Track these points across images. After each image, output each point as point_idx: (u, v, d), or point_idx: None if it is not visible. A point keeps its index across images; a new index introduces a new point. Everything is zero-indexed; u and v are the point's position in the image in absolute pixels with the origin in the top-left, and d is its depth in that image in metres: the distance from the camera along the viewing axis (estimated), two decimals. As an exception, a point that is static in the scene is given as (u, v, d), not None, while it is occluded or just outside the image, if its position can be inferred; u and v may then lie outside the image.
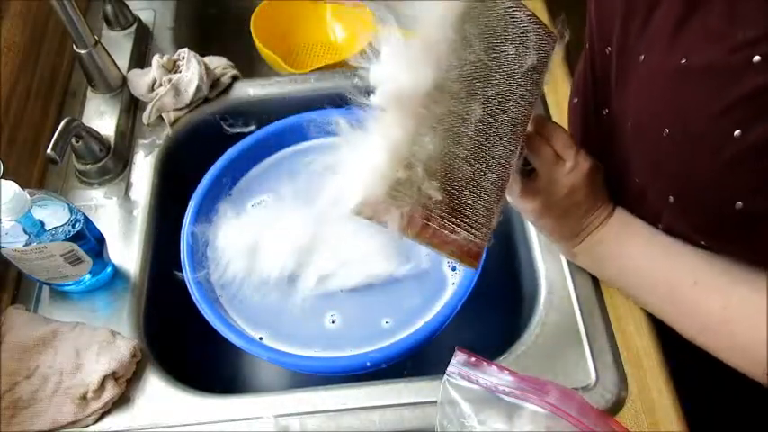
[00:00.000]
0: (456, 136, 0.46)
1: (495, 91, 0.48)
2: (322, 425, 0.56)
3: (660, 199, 0.49)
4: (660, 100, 0.46)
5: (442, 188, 0.45)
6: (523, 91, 0.50)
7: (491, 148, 0.48)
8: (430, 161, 0.44)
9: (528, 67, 0.49)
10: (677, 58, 0.43)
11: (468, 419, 0.53)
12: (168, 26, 0.91)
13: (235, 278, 0.63)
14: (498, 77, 0.48)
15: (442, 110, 0.44)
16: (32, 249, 0.57)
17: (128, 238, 0.69)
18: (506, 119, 0.49)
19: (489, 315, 0.75)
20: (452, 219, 0.46)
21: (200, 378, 0.62)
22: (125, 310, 0.64)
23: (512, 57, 0.48)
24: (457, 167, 0.46)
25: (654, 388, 0.58)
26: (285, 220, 0.65)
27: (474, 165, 0.47)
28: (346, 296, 0.62)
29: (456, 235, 0.47)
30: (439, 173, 0.45)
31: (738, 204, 0.41)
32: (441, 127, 0.44)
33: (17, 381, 0.57)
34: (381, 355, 0.56)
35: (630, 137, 0.51)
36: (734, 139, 0.39)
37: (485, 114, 0.47)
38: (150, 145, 0.77)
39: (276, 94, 0.81)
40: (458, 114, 0.45)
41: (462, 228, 0.47)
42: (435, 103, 0.44)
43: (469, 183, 0.47)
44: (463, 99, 0.45)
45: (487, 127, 0.48)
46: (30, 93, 0.75)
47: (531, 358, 0.59)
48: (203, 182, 0.68)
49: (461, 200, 0.47)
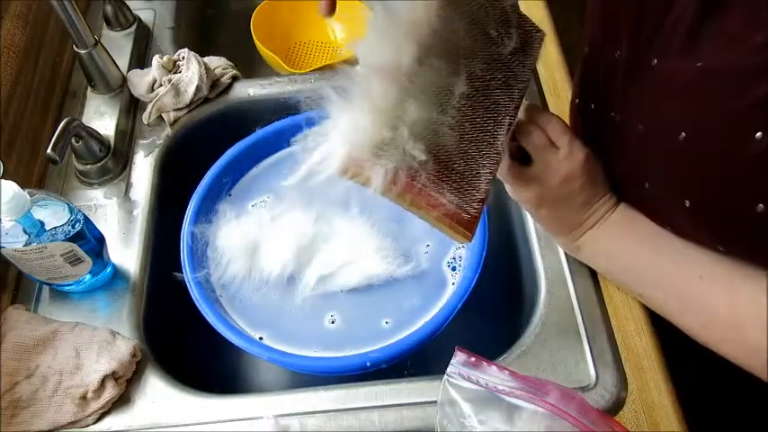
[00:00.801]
0: (441, 105, 0.47)
1: (479, 69, 0.50)
2: (322, 425, 0.56)
3: (674, 204, 0.48)
4: (676, 104, 0.46)
5: (428, 151, 0.46)
6: (509, 74, 0.51)
7: (477, 121, 0.50)
8: (415, 125, 0.45)
9: (511, 50, 0.51)
10: (694, 61, 0.43)
11: (468, 419, 0.53)
12: (168, 26, 0.91)
13: (235, 278, 0.63)
14: (481, 57, 0.50)
15: (425, 81, 0.46)
16: (32, 249, 0.57)
17: (128, 238, 0.69)
18: (492, 97, 0.51)
19: (489, 315, 0.75)
20: (438, 181, 0.47)
21: (200, 378, 0.62)
22: (125, 310, 0.64)
23: (494, 39, 0.51)
24: (442, 134, 0.47)
25: (654, 388, 0.58)
26: (285, 220, 0.65)
27: (460, 134, 0.48)
28: (346, 296, 0.62)
29: (442, 197, 0.47)
30: (424, 136, 0.46)
31: (760, 207, 0.41)
32: (424, 96, 0.46)
33: (17, 381, 0.57)
34: (381, 355, 0.56)
35: (641, 141, 0.51)
36: (755, 140, 0.39)
37: (469, 89, 0.49)
38: (150, 145, 0.77)
39: (276, 94, 0.81)
40: (441, 87, 0.47)
41: (449, 191, 0.47)
42: (418, 76, 0.46)
43: (456, 149, 0.48)
44: (446, 74, 0.47)
45: (472, 101, 0.49)
46: (30, 93, 0.75)
47: (531, 358, 0.59)
48: (203, 182, 0.68)
49: (448, 164, 0.48)
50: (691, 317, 0.52)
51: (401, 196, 0.46)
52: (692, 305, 0.51)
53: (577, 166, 0.55)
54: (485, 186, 0.50)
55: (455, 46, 0.48)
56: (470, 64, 0.49)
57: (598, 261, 0.60)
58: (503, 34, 0.50)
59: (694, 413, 0.57)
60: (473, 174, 0.49)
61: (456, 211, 0.48)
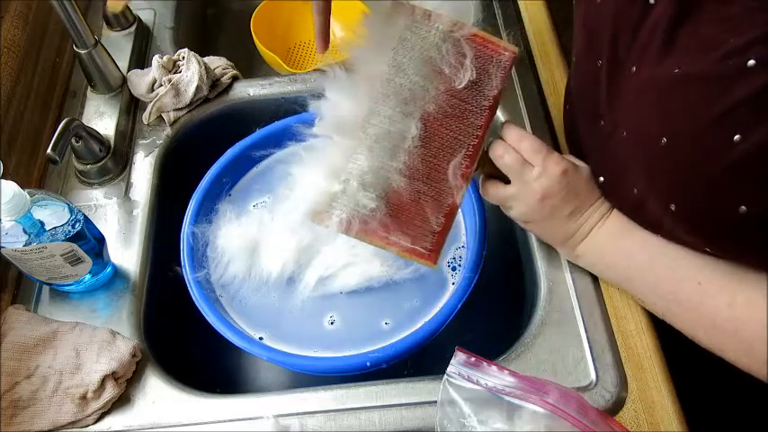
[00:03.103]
0: (392, 151, 0.52)
1: (432, 108, 0.52)
2: (322, 425, 0.56)
3: (661, 208, 0.49)
4: (656, 110, 0.46)
5: (378, 197, 0.52)
6: (466, 107, 0.53)
7: (429, 160, 0.53)
8: (365, 176, 0.52)
9: (467, 83, 0.52)
10: (671, 68, 0.44)
11: (468, 419, 0.53)
12: (168, 26, 0.91)
13: (235, 278, 0.63)
14: (434, 95, 0.52)
15: (378, 132, 0.52)
16: (32, 249, 0.57)
17: (128, 238, 0.69)
18: (449, 132, 0.53)
19: (489, 315, 0.75)
20: (390, 224, 0.53)
21: (200, 378, 0.62)
22: (125, 310, 0.64)
23: (447, 76, 0.52)
24: (393, 179, 0.52)
25: (654, 388, 0.58)
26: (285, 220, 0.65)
27: (410, 175, 0.53)
28: (346, 297, 0.62)
29: (395, 236, 0.53)
30: (374, 184, 0.52)
31: (742, 209, 0.41)
32: (377, 146, 0.52)
33: (17, 381, 0.57)
34: (381, 355, 0.56)
35: (626, 147, 0.51)
36: (734, 143, 0.40)
37: (421, 130, 0.52)
38: (150, 145, 0.77)
39: (276, 94, 0.81)
40: (394, 133, 0.52)
41: (401, 231, 0.53)
42: (372, 126, 0.52)
43: (407, 190, 0.53)
44: (399, 119, 0.52)
45: (425, 141, 0.53)
46: (30, 93, 0.75)
47: (531, 358, 0.59)
48: (203, 182, 0.68)
49: (398, 206, 0.53)
50: (692, 322, 0.52)
51: (359, 237, 0.53)
52: (693, 311, 0.51)
53: (554, 182, 0.55)
54: (441, 219, 0.54)
55: (407, 90, 0.52)
56: (424, 105, 0.52)
57: (598, 269, 0.61)
58: (457, 69, 0.52)
59: (694, 413, 0.57)
60: (427, 210, 0.53)
61: (411, 247, 0.54)
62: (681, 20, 0.43)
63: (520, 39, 0.84)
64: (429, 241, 0.54)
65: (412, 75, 0.51)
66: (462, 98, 0.52)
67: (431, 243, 0.54)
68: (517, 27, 0.85)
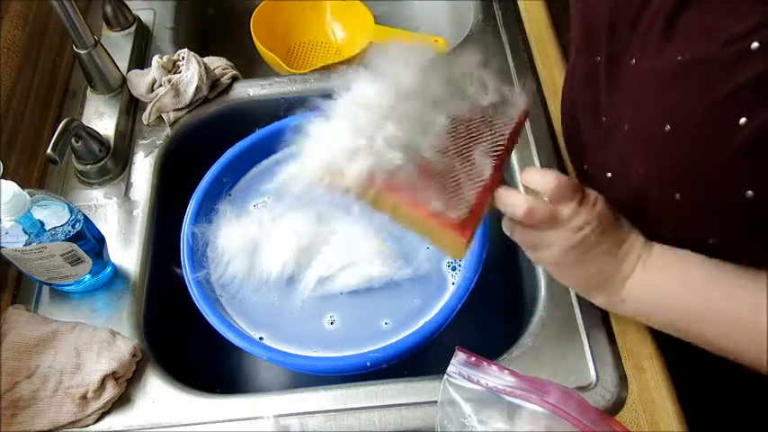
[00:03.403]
0: (422, 130, 0.48)
1: (458, 111, 0.50)
2: (322, 425, 0.56)
3: (664, 199, 0.48)
4: (658, 98, 0.46)
5: (406, 157, 0.46)
6: (489, 116, 0.52)
7: (461, 143, 0.49)
8: (392, 139, 0.46)
9: (489, 102, 0.52)
10: (673, 55, 0.43)
11: (468, 419, 0.53)
12: (168, 26, 0.91)
13: (235, 278, 0.63)
14: (460, 102, 0.51)
15: (407, 112, 0.48)
16: (32, 249, 0.57)
17: (128, 239, 0.69)
18: (474, 130, 0.51)
19: (489, 315, 0.75)
20: (418, 180, 0.46)
21: (201, 378, 0.62)
22: (125, 310, 0.64)
23: (471, 95, 0.52)
24: (423, 149, 0.47)
25: (654, 388, 0.58)
26: (285, 220, 0.65)
27: (441, 152, 0.48)
28: (346, 298, 0.62)
29: (423, 194, 0.46)
30: (403, 147, 0.46)
31: (749, 193, 0.41)
32: (407, 121, 0.47)
33: (17, 381, 0.57)
34: (381, 355, 0.56)
35: (629, 139, 0.51)
36: (740, 126, 0.39)
37: (450, 123, 0.49)
38: (150, 145, 0.77)
39: (276, 94, 0.81)
40: (424, 119, 0.48)
41: (431, 189, 0.46)
42: (399, 108, 0.48)
43: (438, 163, 0.48)
44: (427, 112, 0.49)
45: (455, 133, 0.49)
46: (30, 93, 0.75)
47: (531, 358, 0.59)
48: (203, 182, 0.68)
49: (428, 168, 0.47)
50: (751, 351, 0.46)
51: (381, 198, 0.46)
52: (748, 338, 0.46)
53: (591, 217, 0.49)
54: (473, 198, 0.47)
55: (432, 96, 0.50)
56: (449, 106, 0.50)
57: (649, 311, 0.53)
58: (480, 92, 0.52)
59: (694, 413, 0.57)
60: (458, 181, 0.48)
61: (442, 211, 0.46)
62: (681, 7, 0.43)
63: (521, 42, 0.84)
64: (463, 209, 0.46)
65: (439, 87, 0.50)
66: (486, 113, 0.51)
67: (465, 212, 0.46)
68: (517, 29, 0.85)
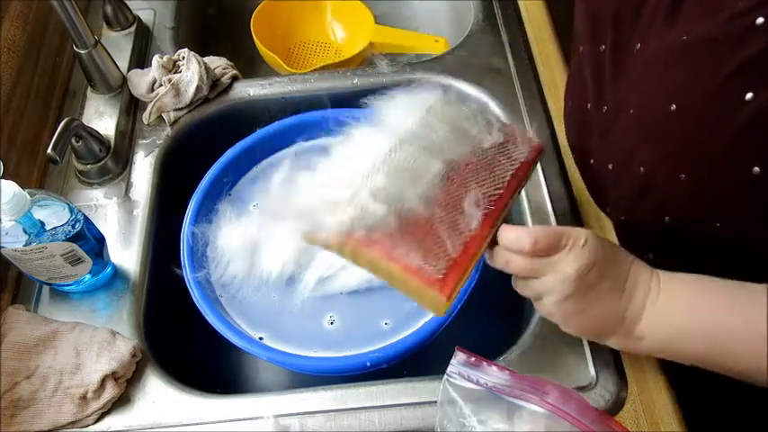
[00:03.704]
0: (413, 180, 0.47)
1: (458, 155, 0.50)
2: (322, 425, 0.56)
3: (670, 181, 0.48)
4: (663, 79, 0.46)
5: (389, 211, 0.45)
6: (489, 161, 0.51)
7: (453, 192, 0.48)
8: (379, 191, 0.46)
9: (493, 145, 0.51)
10: (678, 36, 0.44)
11: (468, 419, 0.53)
12: (168, 26, 0.91)
13: (235, 278, 0.63)
14: (460, 148, 0.50)
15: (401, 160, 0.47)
16: (32, 249, 0.57)
17: (128, 239, 0.69)
18: (473, 176, 0.49)
19: (489, 315, 0.75)
20: (398, 233, 0.45)
21: (200, 378, 0.62)
22: (125, 310, 0.64)
23: (475, 136, 0.51)
24: (408, 200, 0.46)
25: (654, 388, 0.58)
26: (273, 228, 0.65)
27: (428, 202, 0.47)
28: (346, 298, 0.62)
29: (402, 248, 0.45)
30: (387, 200, 0.45)
31: (755, 170, 0.41)
32: (398, 170, 0.47)
33: (17, 381, 0.57)
34: (381, 356, 0.56)
35: (633, 124, 0.51)
36: (746, 102, 0.40)
37: (447, 166, 0.49)
38: (150, 145, 0.77)
39: (276, 94, 0.81)
40: (417, 166, 0.48)
41: (410, 242, 0.45)
42: (395, 157, 0.48)
43: (422, 215, 0.46)
44: (423, 157, 0.48)
45: (449, 179, 0.48)
46: (30, 93, 0.75)
47: (531, 358, 0.59)
48: (203, 182, 0.68)
49: (410, 221, 0.46)
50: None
51: (359, 253, 0.45)
52: None
53: (584, 257, 0.47)
54: (459, 247, 0.46)
55: (433, 140, 0.50)
56: (448, 154, 0.49)
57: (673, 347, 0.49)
58: (485, 132, 0.51)
59: (694, 413, 0.57)
60: (443, 234, 0.46)
61: (419, 265, 0.44)
62: None
63: (521, 42, 0.84)
64: (443, 264, 0.45)
65: (440, 131, 0.50)
66: (488, 155, 0.51)
67: (444, 267, 0.45)
68: (517, 29, 0.85)
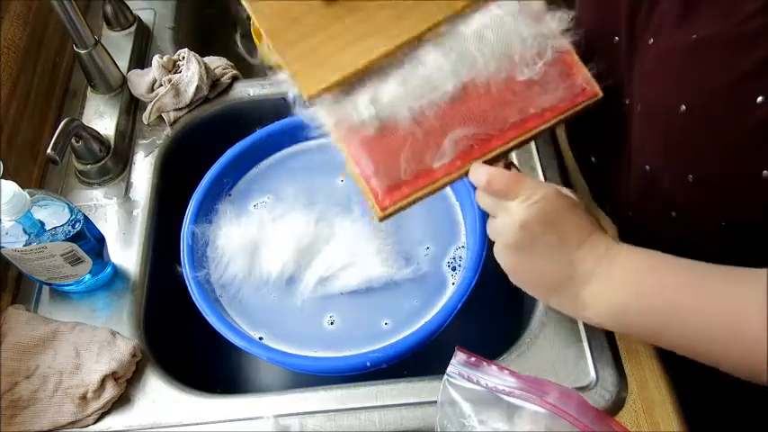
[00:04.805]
0: (419, 93, 0.49)
1: (483, 82, 0.50)
2: (322, 425, 0.56)
3: (677, 181, 0.48)
4: (673, 78, 0.46)
5: (377, 117, 0.49)
6: (515, 100, 0.50)
7: (444, 120, 0.50)
8: (382, 94, 0.49)
9: (527, 80, 0.50)
10: (689, 35, 0.43)
11: (468, 419, 0.53)
12: (168, 26, 0.91)
13: (235, 278, 0.63)
14: (492, 72, 0.50)
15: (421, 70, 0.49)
16: (32, 249, 0.57)
17: (128, 238, 0.69)
18: (479, 110, 0.50)
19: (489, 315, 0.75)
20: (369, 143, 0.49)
21: (201, 378, 0.62)
22: (125, 310, 0.64)
23: (515, 63, 0.50)
24: (399, 112, 0.49)
25: (654, 388, 0.58)
26: (286, 220, 0.65)
27: (416, 120, 0.49)
28: (346, 298, 0.62)
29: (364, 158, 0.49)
30: (383, 106, 0.49)
31: (765, 173, 0.41)
32: (412, 80, 0.49)
33: (17, 381, 0.57)
34: (381, 356, 0.56)
35: (641, 121, 0.50)
36: (757, 105, 0.39)
37: (458, 94, 0.50)
38: (150, 145, 0.77)
39: (276, 94, 0.81)
40: (433, 80, 0.50)
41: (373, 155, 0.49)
42: (419, 64, 0.49)
43: (402, 130, 0.49)
44: (445, 72, 0.50)
45: (453, 105, 0.50)
46: (30, 93, 0.75)
47: (531, 358, 0.59)
48: (203, 182, 0.68)
49: (386, 135, 0.49)
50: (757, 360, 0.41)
51: (339, 143, 0.50)
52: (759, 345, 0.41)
53: (533, 210, 0.47)
54: (412, 173, 0.49)
55: (471, 56, 0.50)
56: (476, 75, 0.50)
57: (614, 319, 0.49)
58: (527, 63, 0.50)
59: (694, 413, 0.57)
60: (406, 155, 0.49)
61: (368, 174, 0.49)
62: None
63: None
64: (387, 183, 0.49)
65: (485, 47, 0.50)
66: (514, 90, 0.50)
67: (387, 186, 0.49)
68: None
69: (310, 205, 0.66)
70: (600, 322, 0.50)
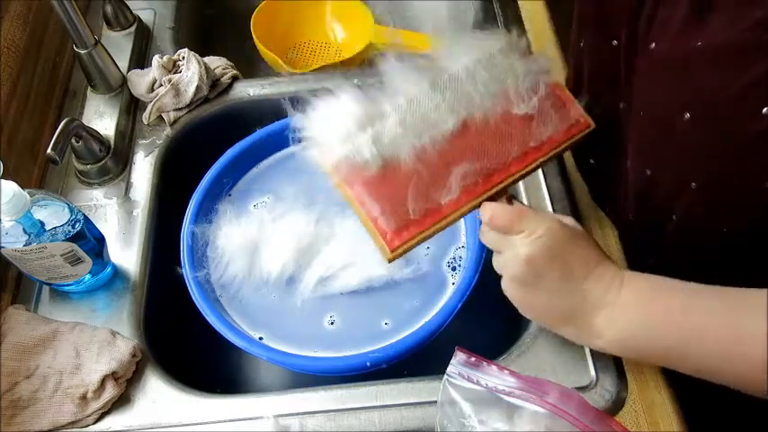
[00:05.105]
0: (420, 132, 0.50)
1: (480, 118, 0.51)
2: (322, 425, 0.56)
3: (678, 187, 0.48)
4: (677, 85, 0.45)
5: (379, 156, 0.49)
6: (514, 133, 0.51)
7: (447, 158, 0.50)
8: (382, 135, 0.49)
9: (524, 115, 0.51)
10: (693, 41, 0.43)
11: (468, 419, 0.53)
12: (168, 26, 0.91)
13: (235, 278, 0.63)
14: (489, 108, 0.51)
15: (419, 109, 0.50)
16: (32, 249, 0.57)
17: (128, 238, 0.69)
18: (480, 146, 0.50)
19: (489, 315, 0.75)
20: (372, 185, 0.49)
21: (201, 378, 0.62)
22: (125, 310, 0.64)
23: (510, 100, 0.51)
24: (402, 151, 0.49)
25: (654, 388, 0.58)
26: (286, 220, 0.65)
27: (419, 159, 0.50)
28: (346, 298, 0.62)
29: (369, 200, 0.49)
30: (384, 146, 0.49)
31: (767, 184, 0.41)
32: (410, 119, 0.50)
33: (17, 381, 0.57)
34: (381, 356, 0.56)
35: (642, 126, 0.50)
36: (761, 115, 0.39)
37: (459, 131, 0.50)
38: (150, 145, 0.77)
39: (276, 94, 0.81)
40: (432, 119, 0.50)
41: (378, 198, 0.49)
42: (416, 103, 0.50)
43: (406, 169, 0.49)
44: (443, 111, 0.50)
45: (455, 142, 0.50)
46: (30, 93, 0.75)
47: (531, 358, 0.59)
48: (203, 182, 0.68)
49: (390, 176, 0.49)
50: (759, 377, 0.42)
51: (341, 187, 0.50)
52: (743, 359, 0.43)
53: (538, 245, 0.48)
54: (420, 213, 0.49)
55: (466, 93, 0.50)
56: (473, 111, 0.50)
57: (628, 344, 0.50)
58: (522, 99, 0.51)
59: (694, 413, 0.57)
60: (413, 194, 0.49)
61: (375, 217, 0.49)
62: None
63: None
64: (396, 224, 0.49)
65: (479, 83, 0.50)
66: (512, 125, 0.51)
67: (396, 226, 0.49)
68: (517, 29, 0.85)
69: (310, 205, 0.66)
70: (611, 349, 0.51)
